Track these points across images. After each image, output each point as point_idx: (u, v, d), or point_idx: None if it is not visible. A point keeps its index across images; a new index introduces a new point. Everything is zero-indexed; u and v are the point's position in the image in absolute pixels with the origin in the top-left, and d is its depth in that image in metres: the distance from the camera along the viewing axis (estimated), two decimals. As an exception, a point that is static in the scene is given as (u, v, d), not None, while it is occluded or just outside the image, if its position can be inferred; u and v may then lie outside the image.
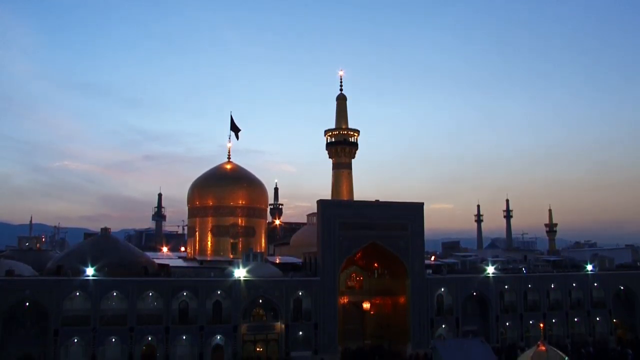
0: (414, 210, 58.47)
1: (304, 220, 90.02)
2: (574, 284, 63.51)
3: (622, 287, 65.45)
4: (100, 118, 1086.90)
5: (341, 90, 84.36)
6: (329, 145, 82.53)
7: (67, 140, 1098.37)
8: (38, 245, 68.21)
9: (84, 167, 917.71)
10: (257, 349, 53.06)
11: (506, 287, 60.86)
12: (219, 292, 51.88)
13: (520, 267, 70.63)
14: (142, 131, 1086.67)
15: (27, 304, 47.23)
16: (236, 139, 73.87)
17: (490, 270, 61.30)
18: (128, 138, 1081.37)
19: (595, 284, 64.13)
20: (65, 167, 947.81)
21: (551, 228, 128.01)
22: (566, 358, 33.75)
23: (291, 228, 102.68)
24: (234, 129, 73.48)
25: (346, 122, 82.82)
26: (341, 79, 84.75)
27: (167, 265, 59.42)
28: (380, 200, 59.51)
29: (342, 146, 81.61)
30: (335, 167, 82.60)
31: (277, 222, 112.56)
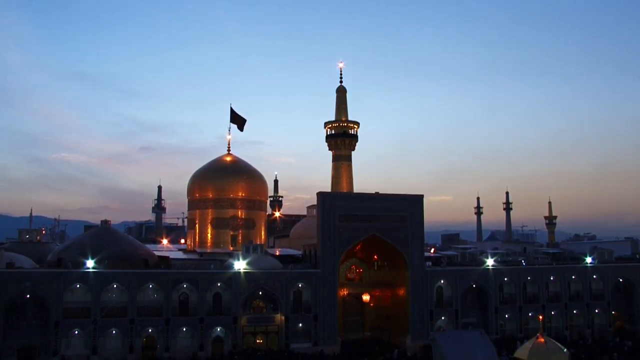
0: (414, 203, 58.45)
1: (304, 212, 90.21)
2: (573, 276, 63.62)
3: (621, 280, 65.59)
4: (97, 109, 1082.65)
5: (341, 82, 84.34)
6: (328, 138, 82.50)
7: (64, 131, 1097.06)
8: (38, 237, 68.15)
9: (82, 159, 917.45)
10: (257, 341, 53.20)
11: (505, 279, 60.99)
12: (219, 284, 52.01)
13: (520, 259, 70.77)
14: (139, 122, 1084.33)
15: (28, 295, 47.27)
16: (240, 131, 73.22)
17: (490, 262, 61.37)
18: (125, 129, 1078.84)
19: (595, 276, 64.22)
20: (63, 159, 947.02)
21: (551, 220, 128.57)
22: (565, 350, 33.84)
23: (291, 220, 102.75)
24: (236, 120, 72.84)
25: (346, 115, 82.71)
26: (341, 71, 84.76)
27: (167, 258, 59.58)
28: (380, 192, 59.39)
29: (342, 138, 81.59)
30: (335, 159, 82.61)
31: (277, 214, 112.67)
